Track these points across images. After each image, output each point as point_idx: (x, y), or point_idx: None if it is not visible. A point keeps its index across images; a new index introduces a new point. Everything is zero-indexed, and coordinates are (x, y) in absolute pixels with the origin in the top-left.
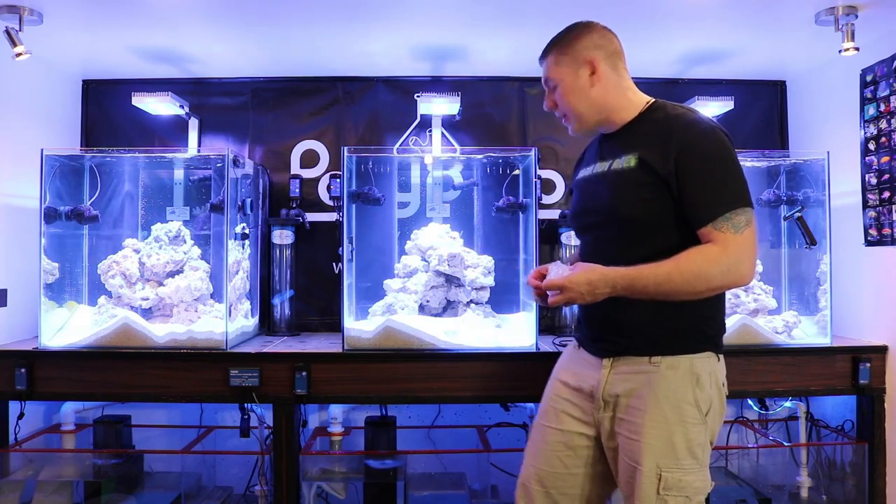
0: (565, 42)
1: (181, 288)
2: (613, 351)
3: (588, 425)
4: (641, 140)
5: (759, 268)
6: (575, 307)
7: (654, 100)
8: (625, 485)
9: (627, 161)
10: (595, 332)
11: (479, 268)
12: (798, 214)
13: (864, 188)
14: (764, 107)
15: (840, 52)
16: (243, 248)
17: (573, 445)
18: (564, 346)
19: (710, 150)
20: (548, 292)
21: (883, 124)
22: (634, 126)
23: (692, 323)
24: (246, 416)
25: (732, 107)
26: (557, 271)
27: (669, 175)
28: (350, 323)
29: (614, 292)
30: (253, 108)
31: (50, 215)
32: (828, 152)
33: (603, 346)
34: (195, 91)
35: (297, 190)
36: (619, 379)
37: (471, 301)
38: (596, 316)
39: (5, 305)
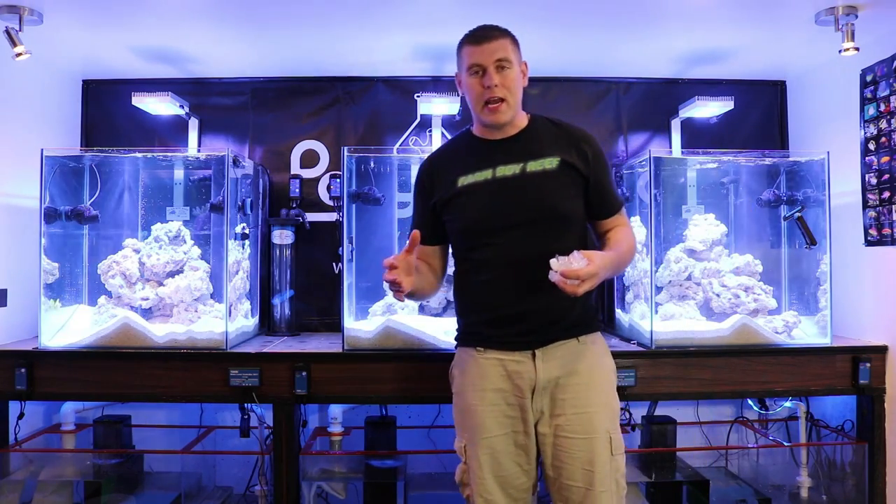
0: (514, 37)
1: (181, 288)
2: (544, 341)
3: (526, 422)
4: (551, 145)
5: (759, 268)
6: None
7: (530, 113)
8: (570, 459)
9: (549, 162)
10: (524, 328)
11: None
12: (798, 214)
13: (864, 188)
14: (764, 107)
15: (840, 52)
16: (243, 248)
17: (521, 444)
18: None
19: (603, 154)
20: (571, 280)
21: (883, 124)
22: (530, 133)
23: (594, 306)
24: (246, 416)
25: (732, 107)
26: (579, 262)
27: (590, 174)
28: (350, 323)
29: (609, 274)
30: (253, 108)
31: (50, 215)
32: (828, 152)
33: (532, 338)
34: (195, 91)
35: (297, 190)
36: (555, 363)
37: None
38: (528, 313)
39: (5, 305)
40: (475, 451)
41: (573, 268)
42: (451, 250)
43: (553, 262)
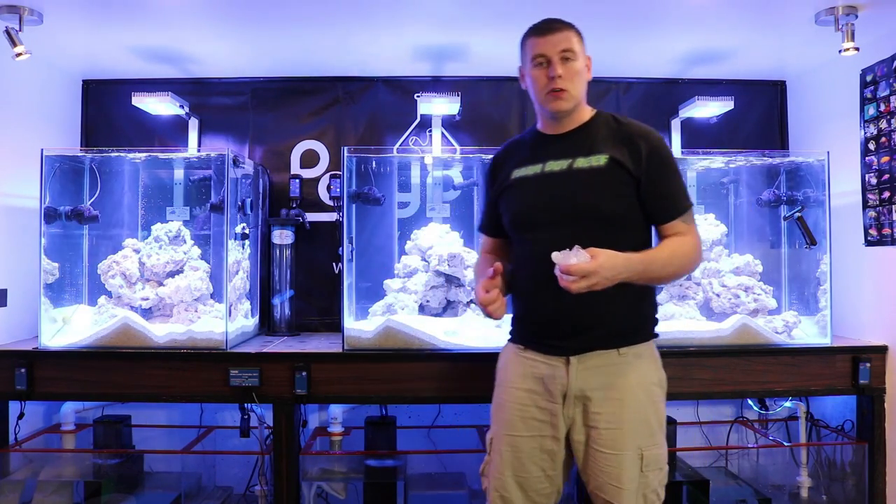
0: (578, 30)
1: (181, 288)
2: (580, 348)
3: (556, 427)
4: (604, 142)
5: (759, 268)
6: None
7: (596, 109)
8: (598, 472)
9: (596, 160)
10: (558, 332)
11: None
12: (798, 214)
13: (864, 188)
14: (764, 107)
15: (840, 52)
16: (243, 248)
17: (548, 450)
18: None
19: (669, 154)
20: (565, 276)
21: (883, 124)
22: (588, 129)
23: (644, 314)
24: (246, 416)
25: (732, 107)
26: (579, 257)
27: (641, 174)
28: (350, 323)
29: (629, 277)
30: (253, 108)
31: (50, 215)
32: (828, 152)
33: (568, 344)
34: (195, 91)
35: (297, 190)
36: (590, 374)
37: (471, 301)
38: (560, 315)
39: (5, 305)
40: (499, 446)
41: (570, 263)
42: None
43: (555, 254)
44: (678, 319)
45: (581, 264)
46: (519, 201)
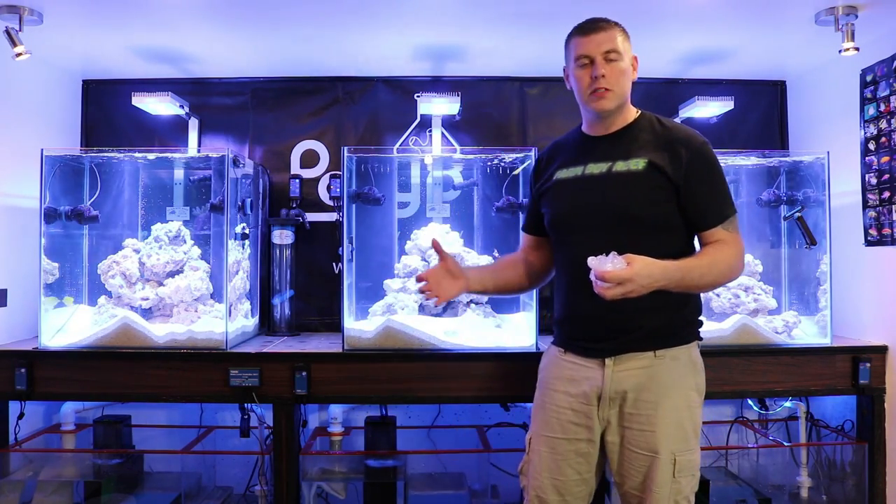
0: (625, 30)
1: (181, 288)
2: (616, 350)
3: (591, 430)
4: (644, 145)
5: (759, 268)
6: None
7: (641, 111)
8: (633, 473)
9: (635, 164)
10: (594, 334)
11: None
12: (798, 214)
13: (864, 188)
14: (764, 107)
15: (840, 52)
16: (243, 248)
17: (583, 453)
18: None
19: (712, 160)
20: (600, 282)
21: (883, 124)
22: (630, 132)
23: (684, 316)
24: (246, 416)
25: (732, 107)
26: (615, 263)
27: (680, 180)
28: (350, 323)
29: (666, 286)
30: (253, 108)
31: (50, 215)
32: (828, 152)
33: (604, 346)
34: (195, 91)
35: (297, 190)
36: (625, 376)
37: (471, 301)
38: (595, 317)
39: (5, 305)
40: (538, 447)
41: (605, 269)
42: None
43: (590, 259)
44: None
45: (616, 271)
46: (558, 203)
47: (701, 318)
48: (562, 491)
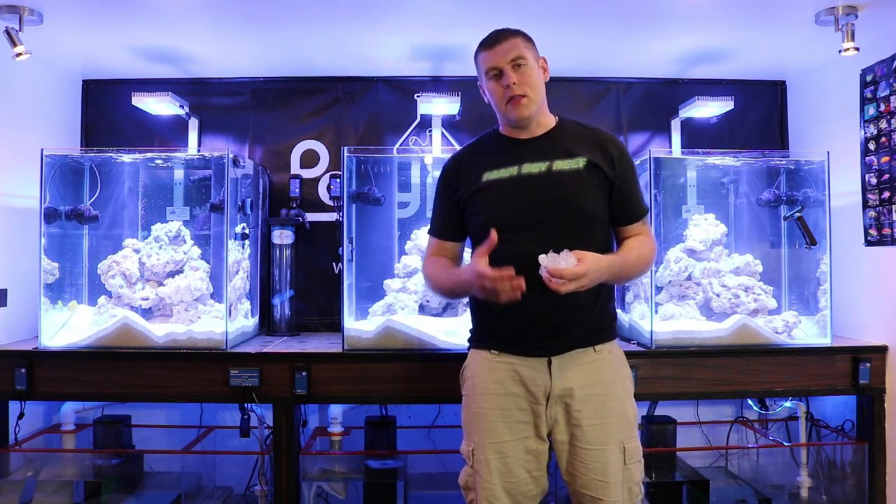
0: (526, 35)
1: (181, 288)
2: (560, 348)
3: (538, 427)
4: (578, 146)
5: (759, 268)
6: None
7: (557, 114)
8: (584, 469)
9: (575, 162)
10: (537, 333)
11: None
12: (798, 214)
13: (864, 188)
14: (764, 107)
15: (840, 52)
16: (243, 248)
17: (532, 450)
18: None
19: (632, 160)
20: (556, 279)
21: (883, 124)
22: (559, 133)
23: (611, 313)
24: (246, 416)
25: (732, 107)
26: (567, 260)
27: (615, 177)
28: (350, 323)
29: (609, 279)
30: (253, 108)
31: (50, 215)
32: (828, 152)
33: (545, 344)
34: (195, 91)
35: (297, 190)
36: (572, 373)
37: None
38: (542, 315)
39: (5, 305)
40: (484, 456)
41: (559, 266)
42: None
43: (542, 257)
44: (678, 319)
45: (572, 268)
46: (496, 203)
47: (616, 317)
48: (512, 493)
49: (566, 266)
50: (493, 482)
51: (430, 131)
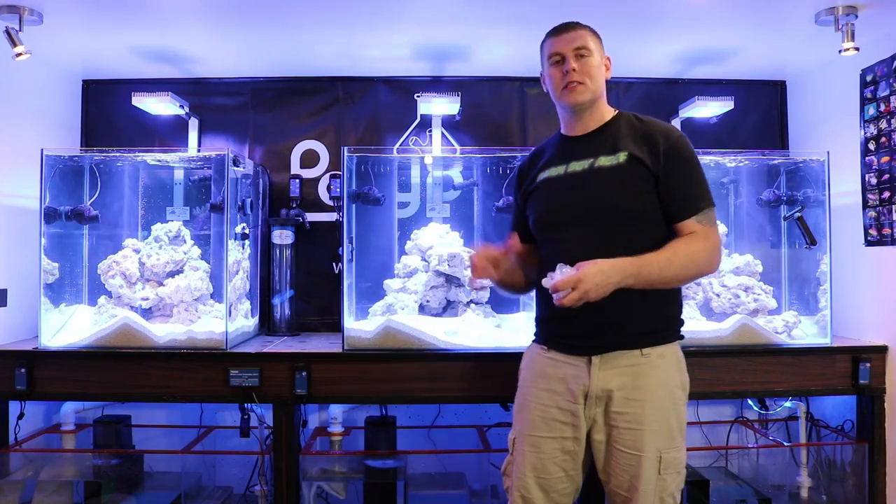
0: (595, 31)
1: (181, 288)
2: (602, 348)
3: (577, 427)
4: (624, 140)
5: (759, 268)
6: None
7: (619, 110)
8: (619, 472)
9: (616, 158)
10: (579, 331)
11: None
12: (798, 214)
13: (864, 188)
14: (764, 107)
15: (840, 52)
16: (243, 248)
17: (569, 451)
18: None
19: (689, 153)
20: (555, 294)
21: (883, 124)
22: (609, 129)
23: (668, 315)
24: (246, 416)
25: (732, 107)
26: (562, 272)
27: (659, 170)
28: (350, 323)
29: (623, 282)
30: (253, 108)
31: (50, 215)
32: (828, 152)
33: (589, 343)
34: (195, 91)
35: (297, 190)
36: (612, 374)
37: (471, 301)
38: (581, 315)
39: (5, 305)
40: (522, 446)
41: (553, 282)
42: None
43: (543, 280)
44: None
45: (565, 276)
46: (544, 202)
47: (679, 320)
48: (546, 488)
49: (559, 278)
50: (526, 473)
51: (430, 131)
